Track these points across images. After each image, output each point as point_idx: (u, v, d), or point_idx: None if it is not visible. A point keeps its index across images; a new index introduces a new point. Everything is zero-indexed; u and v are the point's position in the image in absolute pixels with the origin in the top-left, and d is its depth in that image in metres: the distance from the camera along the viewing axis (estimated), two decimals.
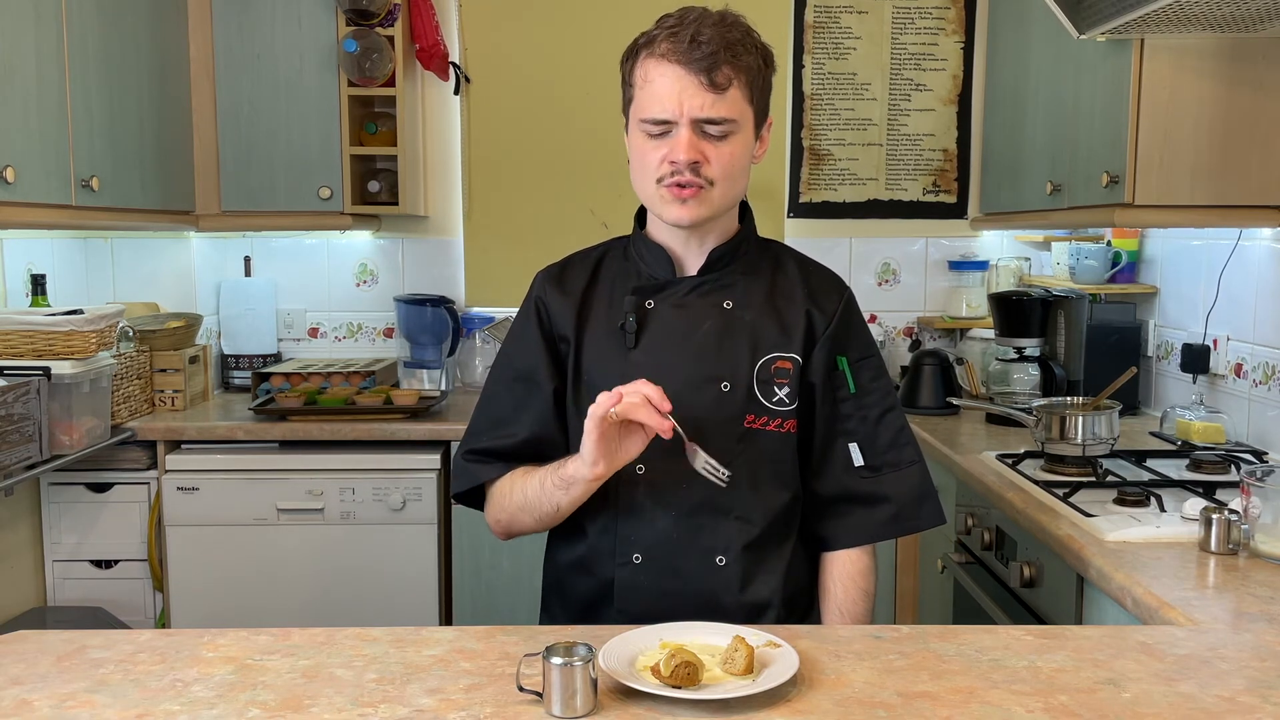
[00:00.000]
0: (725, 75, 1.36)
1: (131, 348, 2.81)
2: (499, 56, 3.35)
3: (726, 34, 1.37)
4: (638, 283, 1.49)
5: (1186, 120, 2.15)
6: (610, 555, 1.45)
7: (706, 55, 1.35)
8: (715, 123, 1.37)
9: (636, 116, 1.41)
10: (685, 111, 1.36)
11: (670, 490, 1.43)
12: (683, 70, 1.36)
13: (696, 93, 1.36)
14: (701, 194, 1.39)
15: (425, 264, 3.44)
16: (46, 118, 2.24)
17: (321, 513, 2.74)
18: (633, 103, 1.43)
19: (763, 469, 1.45)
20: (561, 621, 1.52)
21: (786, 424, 1.46)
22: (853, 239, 3.43)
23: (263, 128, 3.00)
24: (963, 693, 1.10)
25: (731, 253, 1.49)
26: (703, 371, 1.44)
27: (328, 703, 1.08)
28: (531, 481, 1.44)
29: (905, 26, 3.36)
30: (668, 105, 1.37)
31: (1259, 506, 1.61)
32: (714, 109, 1.36)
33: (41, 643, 1.25)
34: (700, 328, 1.46)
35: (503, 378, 1.54)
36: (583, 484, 1.37)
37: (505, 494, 1.48)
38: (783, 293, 1.50)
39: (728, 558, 1.43)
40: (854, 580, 1.51)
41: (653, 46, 1.39)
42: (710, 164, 1.38)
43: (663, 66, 1.37)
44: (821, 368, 1.48)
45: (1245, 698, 1.10)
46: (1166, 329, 2.78)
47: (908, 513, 1.51)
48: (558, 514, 1.44)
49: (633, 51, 1.43)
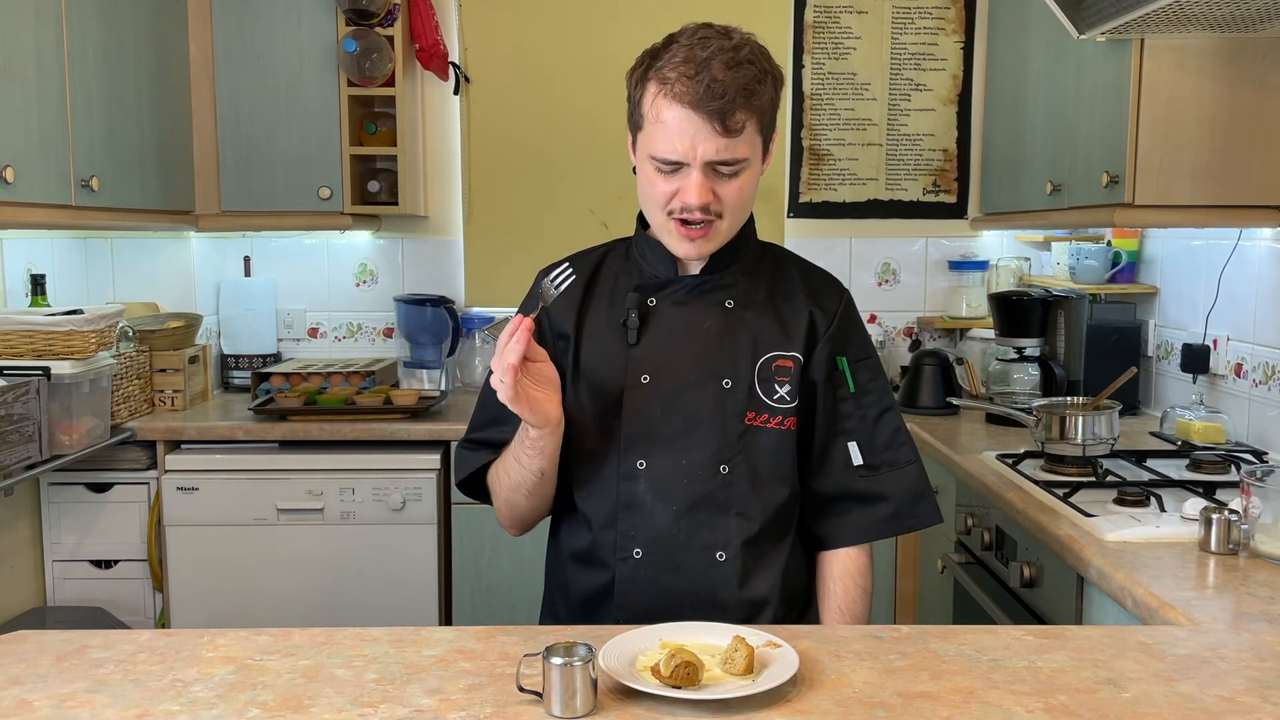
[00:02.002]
0: (739, 120, 1.34)
1: (131, 348, 2.81)
2: (499, 56, 3.35)
3: (740, 76, 1.33)
4: (640, 280, 1.50)
5: (1186, 120, 2.15)
6: (611, 550, 1.46)
7: (721, 101, 1.32)
8: (728, 164, 1.37)
9: (646, 150, 1.40)
10: (699, 156, 1.35)
11: (671, 485, 1.44)
12: (695, 115, 1.33)
13: (710, 137, 1.34)
14: (710, 230, 1.41)
15: (425, 264, 3.44)
16: (46, 118, 2.24)
17: (321, 513, 2.74)
18: (641, 130, 1.41)
19: (763, 466, 1.46)
20: (564, 616, 1.53)
21: (787, 421, 1.47)
22: (853, 239, 3.43)
23: (263, 128, 3.00)
24: (963, 693, 1.10)
25: (733, 254, 1.50)
26: (704, 369, 1.45)
27: (328, 703, 1.08)
28: (510, 465, 1.47)
29: (905, 26, 3.36)
30: (679, 148, 1.35)
31: (1259, 506, 1.61)
32: (726, 152, 1.36)
33: (41, 643, 1.25)
34: (702, 325, 1.47)
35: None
36: (535, 438, 1.40)
37: (499, 480, 1.51)
38: (783, 293, 1.51)
39: (727, 554, 1.44)
40: (853, 579, 1.52)
41: (665, 84, 1.35)
42: (721, 201, 1.39)
43: (675, 109, 1.34)
44: (822, 367, 1.50)
45: (1245, 698, 1.10)
46: (1166, 329, 2.78)
47: (906, 511, 1.52)
48: (541, 478, 1.45)
49: (643, 76, 1.39)
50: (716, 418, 1.44)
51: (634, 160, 1.46)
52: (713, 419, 1.44)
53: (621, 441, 1.45)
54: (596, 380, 1.47)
